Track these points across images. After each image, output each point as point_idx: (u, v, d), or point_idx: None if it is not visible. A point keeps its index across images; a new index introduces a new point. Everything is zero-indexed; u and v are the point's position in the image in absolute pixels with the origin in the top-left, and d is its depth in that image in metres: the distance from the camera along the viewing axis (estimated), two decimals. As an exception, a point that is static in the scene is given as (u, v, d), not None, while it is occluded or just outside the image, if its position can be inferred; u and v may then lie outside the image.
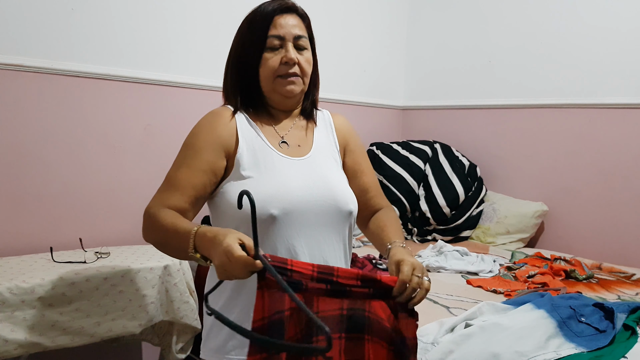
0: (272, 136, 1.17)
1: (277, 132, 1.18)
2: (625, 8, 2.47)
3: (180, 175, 1.09)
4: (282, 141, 1.17)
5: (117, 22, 2.05)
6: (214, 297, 1.11)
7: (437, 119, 3.29)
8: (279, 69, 1.13)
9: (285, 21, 1.14)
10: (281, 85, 1.15)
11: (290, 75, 1.14)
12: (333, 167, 1.21)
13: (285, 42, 1.13)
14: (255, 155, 1.12)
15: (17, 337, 1.44)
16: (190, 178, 1.08)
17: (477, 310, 1.52)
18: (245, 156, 1.11)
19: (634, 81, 2.45)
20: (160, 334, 1.88)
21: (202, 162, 1.09)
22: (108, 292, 1.61)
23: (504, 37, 2.93)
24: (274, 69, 1.13)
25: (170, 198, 1.07)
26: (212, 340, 1.13)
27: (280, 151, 1.15)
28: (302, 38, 1.16)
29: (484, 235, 2.77)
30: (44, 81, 1.89)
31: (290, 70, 1.14)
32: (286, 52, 1.13)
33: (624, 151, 2.48)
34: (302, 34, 1.16)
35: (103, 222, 2.06)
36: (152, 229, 1.05)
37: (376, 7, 3.22)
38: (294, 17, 1.16)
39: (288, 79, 1.14)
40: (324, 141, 1.24)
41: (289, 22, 1.14)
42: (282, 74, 1.14)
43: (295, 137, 1.20)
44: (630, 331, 1.39)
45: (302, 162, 1.15)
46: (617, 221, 2.51)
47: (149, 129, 2.16)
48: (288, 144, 1.18)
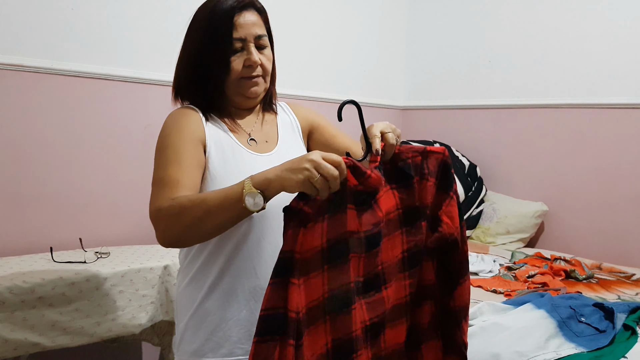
0: (240, 134, 1.16)
1: (244, 130, 1.17)
2: (625, 8, 2.47)
3: (173, 172, 1.02)
4: (250, 138, 1.16)
5: (117, 22, 2.05)
6: (192, 259, 1.11)
7: (437, 119, 3.29)
8: (242, 71, 1.11)
9: (244, 20, 1.10)
10: (245, 88, 1.13)
11: (254, 77, 1.13)
12: (298, 154, 1.21)
13: (247, 44, 1.10)
14: (225, 153, 1.10)
15: (17, 337, 1.44)
16: (184, 173, 1.03)
17: (477, 310, 1.52)
18: (213, 154, 1.09)
19: (634, 81, 2.45)
20: (160, 334, 1.88)
21: (188, 157, 1.05)
22: (108, 292, 1.61)
23: (504, 37, 2.93)
24: (237, 71, 1.11)
25: (176, 194, 0.98)
26: (187, 344, 1.10)
27: (249, 148, 1.14)
28: (262, 37, 1.13)
29: (484, 235, 2.77)
30: (44, 81, 1.88)
31: (254, 72, 1.12)
32: (249, 54, 1.10)
33: (624, 151, 2.48)
34: (262, 32, 1.13)
35: (103, 222, 2.06)
36: (179, 214, 0.94)
37: (376, 7, 3.22)
38: (252, 14, 1.12)
39: (251, 80, 1.13)
40: (288, 132, 1.24)
41: (248, 21, 1.10)
42: (246, 76, 1.12)
43: (261, 133, 1.19)
44: (630, 331, 1.39)
45: (271, 157, 1.14)
46: (617, 221, 2.51)
47: (149, 129, 2.16)
48: (256, 140, 1.17)
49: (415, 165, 0.97)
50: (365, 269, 0.92)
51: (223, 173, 1.08)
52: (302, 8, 2.77)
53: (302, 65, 2.76)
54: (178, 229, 0.95)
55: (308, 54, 2.80)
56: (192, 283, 1.11)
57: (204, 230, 0.95)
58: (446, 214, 0.98)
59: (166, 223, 0.96)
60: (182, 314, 1.13)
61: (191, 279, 1.12)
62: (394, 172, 0.97)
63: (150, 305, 1.69)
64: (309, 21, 2.81)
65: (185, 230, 0.95)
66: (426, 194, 0.97)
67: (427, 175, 0.98)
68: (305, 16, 2.79)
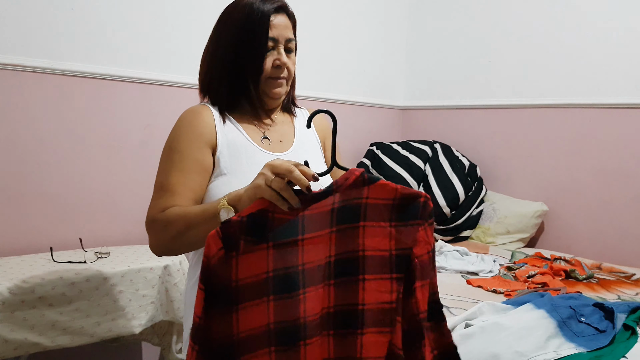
0: (253, 132, 1.17)
1: (259, 129, 1.19)
2: (625, 8, 2.47)
3: (174, 180, 1.07)
4: (264, 137, 1.18)
5: (117, 22, 2.05)
6: (195, 268, 1.12)
7: (437, 119, 3.29)
8: (271, 71, 1.14)
9: (278, 22, 1.13)
10: (270, 87, 1.16)
11: (280, 78, 1.16)
12: (315, 160, 1.22)
13: (278, 45, 1.14)
14: (237, 151, 1.12)
15: (17, 337, 1.44)
16: (185, 181, 1.07)
17: (477, 310, 1.52)
18: (225, 154, 1.11)
19: (634, 81, 2.45)
20: (160, 334, 1.88)
21: (192, 163, 1.08)
22: (108, 292, 1.61)
23: (504, 37, 2.93)
24: (267, 71, 1.14)
25: (170, 203, 1.05)
26: None
27: (262, 147, 1.15)
28: (292, 41, 1.16)
29: (484, 235, 2.77)
30: (44, 81, 1.89)
31: (281, 74, 1.15)
32: (279, 55, 1.14)
33: (624, 151, 2.48)
34: (292, 36, 1.16)
35: (103, 222, 2.06)
36: (166, 226, 1.01)
37: (376, 7, 3.22)
38: (285, 18, 1.15)
39: (277, 81, 1.16)
40: (305, 136, 1.25)
41: (282, 23, 1.14)
42: (273, 76, 1.15)
43: (276, 132, 1.20)
44: (630, 331, 1.39)
45: (284, 157, 1.15)
46: (617, 221, 2.51)
47: (149, 129, 2.16)
48: (270, 139, 1.18)
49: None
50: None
51: (233, 171, 1.10)
52: (302, 8, 2.76)
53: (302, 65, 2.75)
54: (165, 241, 1.03)
55: (308, 54, 2.80)
56: None
57: (186, 241, 1.02)
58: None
59: (156, 235, 1.05)
60: (191, 312, 1.13)
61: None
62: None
63: (150, 305, 1.70)
64: (309, 21, 2.81)
65: (172, 241, 1.02)
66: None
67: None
68: (305, 16, 2.78)
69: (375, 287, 0.91)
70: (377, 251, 0.91)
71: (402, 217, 0.91)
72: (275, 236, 0.85)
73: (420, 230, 0.91)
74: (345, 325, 0.91)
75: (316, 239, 0.88)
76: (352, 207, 0.89)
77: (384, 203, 0.91)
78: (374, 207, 0.90)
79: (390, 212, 0.91)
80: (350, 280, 0.91)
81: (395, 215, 0.91)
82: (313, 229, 0.87)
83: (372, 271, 0.91)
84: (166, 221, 1.01)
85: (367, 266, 0.91)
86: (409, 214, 0.91)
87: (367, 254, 0.91)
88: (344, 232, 0.90)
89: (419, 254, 0.91)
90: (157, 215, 1.04)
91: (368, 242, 0.91)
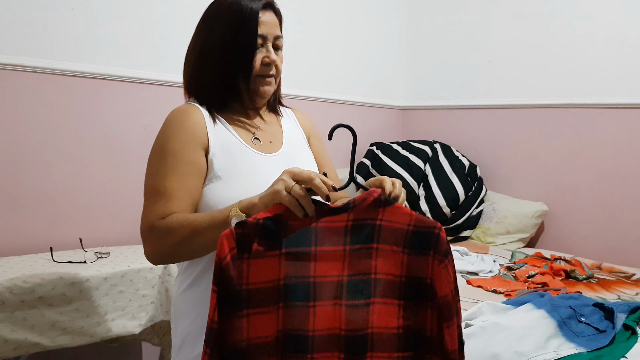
0: (243, 133, 1.15)
1: (248, 129, 1.17)
2: (625, 8, 2.47)
3: (170, 184, 1.02)
4: (254, 137, 1.16)
5: (117, 22, 2.05)
6: (193, 262, 1.10)
7: (437, 119, 3.29)
8: (260, 69, 1.12)
9: (267, 19, 1.11)
10: (259, 85, 1.14)
11: (269, 76, 1.14)
12: (306, 159, 1.21)
13: (266, 42, 1.12)
14: (230, 153, 1.09)
15: (17, 337, 1.44)
16: (182, 185, 1.03)
17: (477, 310, 1.52)
18: (219, 155, 1.08)
19: (634, 81, 2.45)
20: (160, 334, 1.88)
21: (187, 165, 1.05)
22: (108, 292, 1.61)
23: (504, 37, 2.93)
24: (255, 69, 1.11)
25: (169, 208, 1.00)
26: (188, 349, 1.08)
27: (253, 148, 1.13)
28: (279, 38, 1.14)
29: (484, 235, 2.77)
30: (44, 81, 1.88)
31: (270, 71, 1.13)
32: (267, 52, 1.11)
33: (624, 151, 2.48)
34: (280, 34, 1.14)
35: (103, 222, 2.06)
36: (168, 233, 0.97)
37: (376, 6, 3.22)
38: (272, 15, 1.13)
39: (266, 79, 1.14)
40: (292, 135, 1.24)
41: (270, 21, 1.12)
42: (262, 74, 1.13)
43: (265, 133, 1.19)
44: (630, 331, 1.39)
45: (277, 158, 1.14)
46: (617, 221, 2.51)
47: (149, 129, 2.16)
48: (260, 140, 1.16)
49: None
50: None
51: (229, 174, 1.07)
52: (302, 8, 2.77)
53: (302, 65, 2.76)
54: (166, 248, 0.99)
55: (308, 54, 2.80)
56: (193, 287, 1.09)
57: (191, 248, 0.98)
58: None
59: (156, 242, 1.01)
60: (182, 319, 1.11)
61: (192, 282, 1.10)
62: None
63: (150, 305, 1.69)
64: (309, 21, 2.81)
65: (173, 249, 0.99)
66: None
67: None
68: (305, 16, 2.79)
69: (384, 311, 0.91)
70: (388, 275, 0.91)
71: (414, 245, 0.90)
72: (288, 243, 0.85)
73: (441, 269, 0.89)
74: (356, 351, 0.90)
75: (330, 254, 0.88)
76: (367, 227, 0.89)
77: (399, 227, 0.90)
78: (387, 230, 0.90)
79: (404, 238, 0.90)
80: (361, 303, 0.90)
81: (409, 243, 0.90)
82: (327, 242, 0.88)
83: (382, 294, 0.91)
84: (168, 228, 0.97)
85: (377, 289, 0.91)
86: (422, 243, 0.90)
87: (378, 277, 0.91)
88: (358, 252, 0.90)
89: (441, 294, 0.89)
90: (155, 222, 0.99)
91: (380, 265, 0.90)
